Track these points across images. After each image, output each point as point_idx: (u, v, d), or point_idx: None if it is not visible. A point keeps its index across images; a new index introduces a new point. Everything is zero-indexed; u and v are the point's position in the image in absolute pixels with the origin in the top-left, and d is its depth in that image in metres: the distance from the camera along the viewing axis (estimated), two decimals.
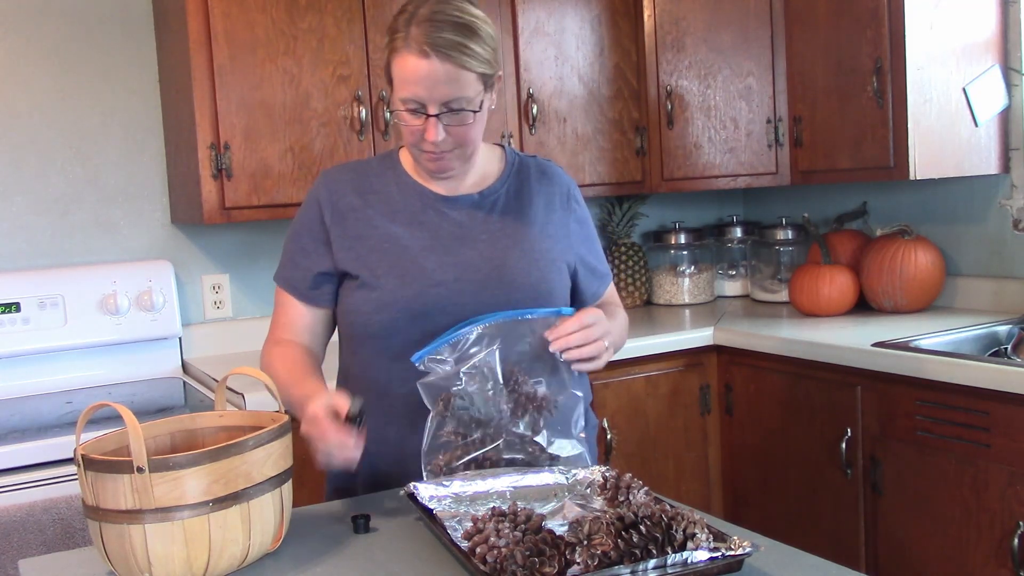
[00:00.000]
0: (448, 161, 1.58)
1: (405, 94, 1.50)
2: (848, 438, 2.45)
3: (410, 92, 1.50)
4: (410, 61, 1.48)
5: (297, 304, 1.67)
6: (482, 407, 1.47)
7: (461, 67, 1.48)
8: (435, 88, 1.48)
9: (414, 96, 1.50)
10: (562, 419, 1.51)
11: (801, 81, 2.93)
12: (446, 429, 1.47)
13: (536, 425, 1.49)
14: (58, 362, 2.62)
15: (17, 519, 1.91)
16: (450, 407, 1.46)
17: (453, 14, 1.49)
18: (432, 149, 1.54)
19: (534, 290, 1.61)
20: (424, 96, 1.49)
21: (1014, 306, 2.72)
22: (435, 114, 1.50)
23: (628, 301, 3.37)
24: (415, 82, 1.48)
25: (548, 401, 1.50)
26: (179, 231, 2.87)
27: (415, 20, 1.48)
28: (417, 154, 1.58)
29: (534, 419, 1.49)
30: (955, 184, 2.87)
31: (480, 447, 1.47)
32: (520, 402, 1.48)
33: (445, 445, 1.47)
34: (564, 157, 2.99)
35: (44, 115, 2.69)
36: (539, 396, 1.49)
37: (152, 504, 1.15)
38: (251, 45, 2.52)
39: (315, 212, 1.65)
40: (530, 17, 2.93)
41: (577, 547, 1.10)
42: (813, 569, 1.20)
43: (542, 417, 1.50)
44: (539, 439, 1.49)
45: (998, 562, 2.12)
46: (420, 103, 1.50)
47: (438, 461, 1.46)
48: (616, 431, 2.74)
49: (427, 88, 1.48)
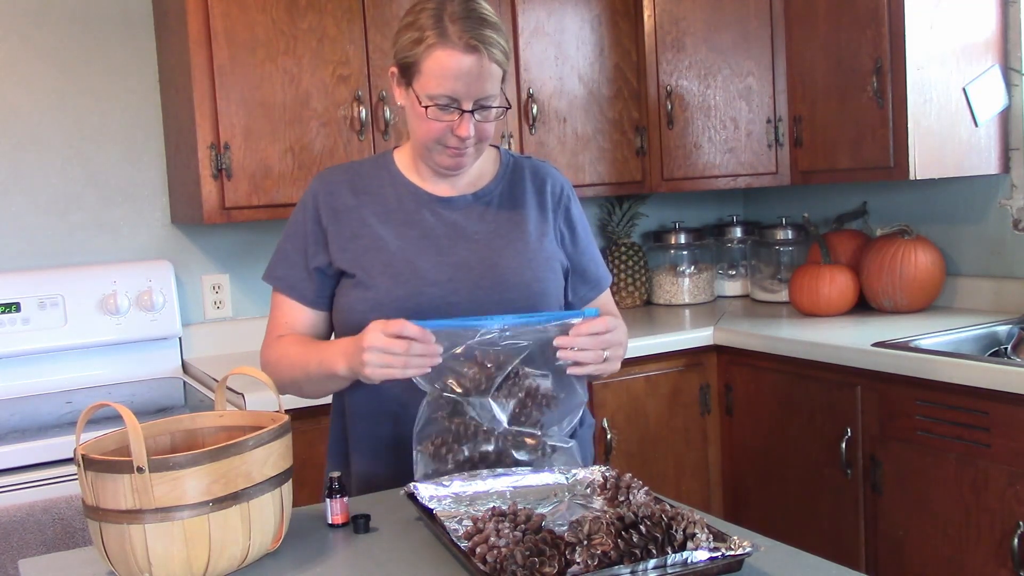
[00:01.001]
0: (467, 158, 1.60)
1: (440, 90, 1.51)
2: (848, 438, 2.45)
3: (448, 88, 1.50)
4: (453, 57, 1.48)
5: (297, 306, 1.67)
6: (478, 395, 1.47)
7: (497, 63, 1.52)
8: (474, 84, 1.50)
9: (451, 92, 1.50)
10: (560, 416, 1.51)
11: (801, 81, 2.93)
12: (440, 413, 1.47)
13: (532, 419, 1.49)
14: (58, 362, 2.62)
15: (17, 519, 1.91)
16: (447, 391, 1.46)
17: (483, 12, 1.52)
18: (459, 145, 1.56)
19: (528, 289, 1.61)
20: (462, 92, 1.50)
21: (1014, 306, 2.72)
22: (470, 110, 1.52)
23: (628, 301, 3.37)
24: (455, 77, 1.49)
25: (549, 397, 1.50)
26: (179, 231, 2.87)
27: (448, 16, 1.49)
28: (437, 150, 1.58)
29: (532, 413, 1.49)
30: (955, 184, 2.87)
31: (474, 435, 1.47)
32: (519, 395, 1.48)
33: (438, 429, 1.47)
34: (564, 157, 2.99)
35: (44, 115, 2.69)
36: (541, 391, 1.49)
37: (152, 504, 1.15)
38: (251, 45, 2.52)
39: (311, 213, 1.65)
40: (530, 17, 2.93)
41: (577, 547, 1.10)
42: (813, 569, 1.20)
43: (541, 412, 1.49)
44: (535, 430, 1.49)
45: (998, 562, 2.12)
46: (455, 99, 1.51)
47: (428, 444, 1.46)
48: (616, 431, 2.74)
49: (466, 84, 1.50)
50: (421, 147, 1.61)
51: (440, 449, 1.46)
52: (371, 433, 1.64)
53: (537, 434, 1.49)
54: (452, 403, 1.47)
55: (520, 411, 1.49)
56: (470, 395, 1.47)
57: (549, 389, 1.49)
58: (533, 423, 1.49)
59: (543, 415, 1.50)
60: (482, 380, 1.47)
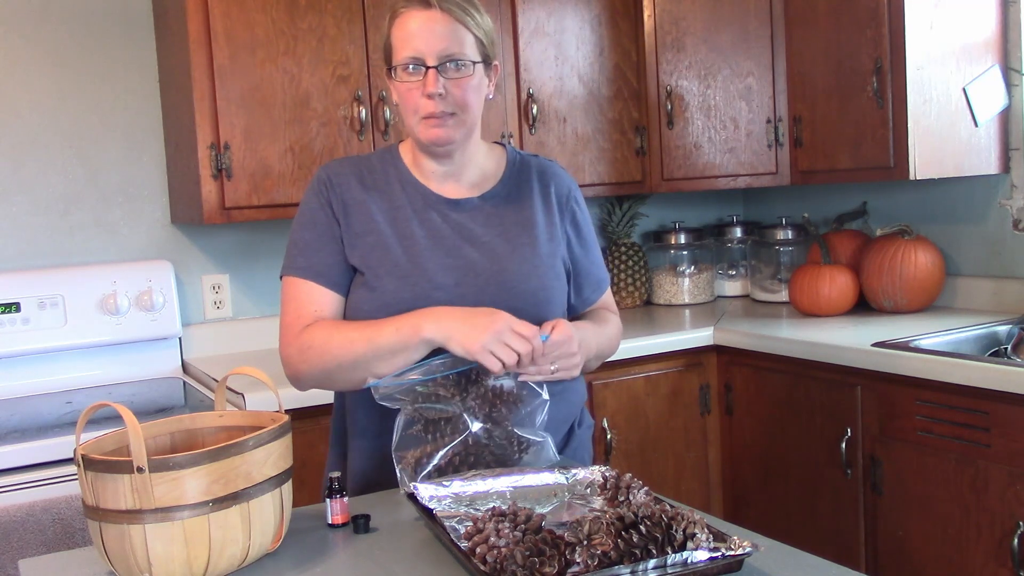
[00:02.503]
0: (449, 129, 1.57)
1: (405, 53, 1.54)
2: (848, 438, 2.45)
3: (411, 49, 1.53)
4: (410, 16, 1.53)
5: (326, 293, 1.59)
6: (446, 403, 1.49)
7: (459, 22, 1.53)
8: (433, 39, 1.52)
9: (414, 52, 1.53)
10: (528, 415, 1.53)
11: (801, 81, 2.93)
12: (415, 428, 1.49)
13: (502, 417, 1.51)
14: (58, 362, 2.62)
15: (17, 519, 1.91)
16: (415, 405, 1.48)
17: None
18: (432, 109, 1.55)
19: (534, 297, 1.61)
20: (423, 48, 1.52)
21: (1014, 306, 2.72)
22: (434, 66, 1.53)
23: (628, 301, 3.37)
24: (415, 35, 1.52)
25: (514, 395, 1.52)
26: (179, 231, 2.87)
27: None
28: (416, 123, 1.57)
29: (501, 411, 1.51)
30: (955, 184, 2.87)
31: (449, 442, 1.49)
32: (486, 397, 1.51)
33: (414, 442, 1.48)
34: (564, 157, 2.99)
35: (44, 115, 2.69)
36: (505, 390, 1.52)
37: (152, 504, 1.15)
38: (251, 45, 2.52)
39: (324, 201, 1.62)
40: (530, 17, 2.93)
41: (577, 547, 1.10)
42: (813, 569, 1.20)
43: (509, 410, 1.52)
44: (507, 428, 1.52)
45: (998, 562, 2.12)
46: (419, 58, 1.53)
47: (408, 458, 1.48)
48: (616, 431, 2.74)
49: (426, 40, 1.52)
50: (409, 130, 1.61)
51: (421, 460, 1.48)
52: (370, 433, 1.63)
53: (511, 431, 1.52)
54: (422, 417, 1.49)
55: (490, 412, 1.51)
56: (439, 404, 1.49)
57: (512, 388, 1.52)
58: (503, 422, 1.52)
59: (512, 413, 1.52)
60: (448, 389, 1.50)
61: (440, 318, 1.48)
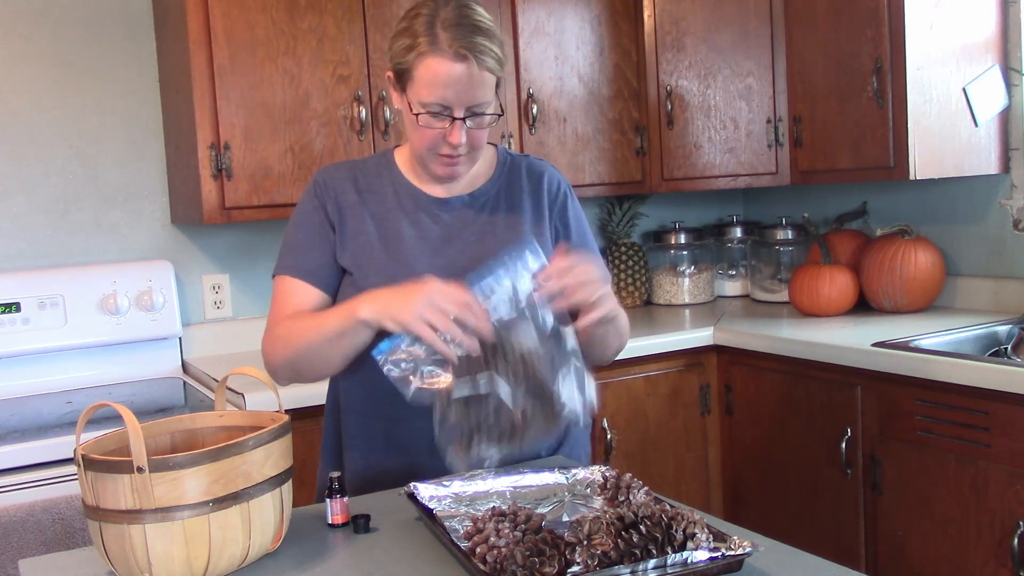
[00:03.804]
0: (460, 166, 1.60)
1: (431, 97, 1.51)
2: (848, 438, 2.45)
3: (438, 95, 1.50)
4: (443, 65, 1.48)
5: (313, 291, 1.62)
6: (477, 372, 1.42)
7: (489, 71, 1.51)
8: (465, 91, 1.50)
9: (442, 99, 1.51)
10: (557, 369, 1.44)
11: (801, 81, 2.93)
12: (451, 421, 1.44)
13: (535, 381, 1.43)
14: (58, 362, 2.62)
15: (17, 519, 1.91)
16: (449, 402, 1.44)
17: (476, 19, 1.51)
18: (451, 152, 1.56)
19: None
20: (452, 99, 1.50)
21: (1014, 306, 2.72)
22: (461, 117, 1.52)
23: (628, 301, 3.37)
24: (446, 85, 1.49)
25: (539, 356, 1.43)
26: (179, 231, 2.87)
27: (441, 23, 1.49)
28: (430, 158, 1.59)
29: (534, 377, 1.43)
30: (955, 184, 2.87)
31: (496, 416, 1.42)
32: (515, 363, 1.43)
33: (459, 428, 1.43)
34: (564, 157, 2.99)
35: (44, 115, 2.69)
36: (531, 351, 1.43)
37: (152, 504, 1.15)
38: (251, 45, 2.52)
39: (319, 203, 1.64)
40: (530, 17, 2.93)
41: (577, 547, 1.10)
42: (813, 569, 1.20)
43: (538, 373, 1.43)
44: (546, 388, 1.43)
45: (998, 562, 2.12)
46: (446, 106, 1.51)
47: (457, 447, 1.42)
48: (616, 431, 2.74)
49: (457, 92, 1.50)
50: (417, 154, 1.62)
51: (470, 443, 1.43)
52: (365, 430, 1.64)
53: (550, 389, 1.43)
54: (455, 408, 1.43)
55: (522, 376, 1.44)
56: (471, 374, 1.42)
57: (537, 348, 1.44)
58: (539, 385, 1.44)
59: (541, 376, 1.44)
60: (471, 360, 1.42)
61: (374, 298, 1.46)
